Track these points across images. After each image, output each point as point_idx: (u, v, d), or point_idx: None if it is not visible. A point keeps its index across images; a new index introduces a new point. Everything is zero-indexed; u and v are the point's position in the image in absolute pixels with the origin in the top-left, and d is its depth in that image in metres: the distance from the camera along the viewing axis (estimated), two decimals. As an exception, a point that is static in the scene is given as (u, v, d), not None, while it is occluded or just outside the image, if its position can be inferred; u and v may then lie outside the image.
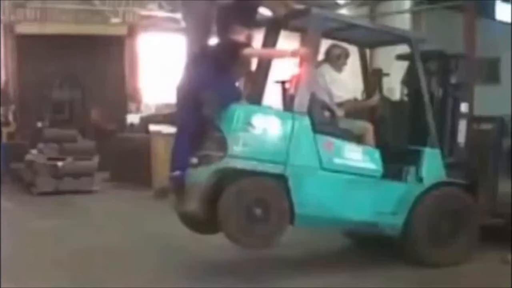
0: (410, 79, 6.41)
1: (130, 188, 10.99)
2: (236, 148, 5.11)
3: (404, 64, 6.60)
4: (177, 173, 5.37)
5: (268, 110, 5.47)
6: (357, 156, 5.54)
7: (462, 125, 6.11)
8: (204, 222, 5.37)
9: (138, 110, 14.98)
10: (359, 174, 5.50)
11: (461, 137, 6.10)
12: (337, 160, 5.43)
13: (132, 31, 15.43)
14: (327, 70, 6.05)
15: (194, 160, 5.38)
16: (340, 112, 5.89)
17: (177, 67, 15.59)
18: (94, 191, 10.89)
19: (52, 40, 13.75)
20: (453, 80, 6.20)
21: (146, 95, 15.76)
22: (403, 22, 14.59)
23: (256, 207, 5.08)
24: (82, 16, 14.75)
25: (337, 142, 5.47)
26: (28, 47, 13.63)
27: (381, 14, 15.71)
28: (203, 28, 6.31)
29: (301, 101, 5.35)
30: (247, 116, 5.19)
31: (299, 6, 6.23)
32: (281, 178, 5.18)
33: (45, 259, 6.15)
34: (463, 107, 6.14)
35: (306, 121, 5.34)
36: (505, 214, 6.22)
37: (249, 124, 5.16)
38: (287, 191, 5.18)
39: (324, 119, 5.67)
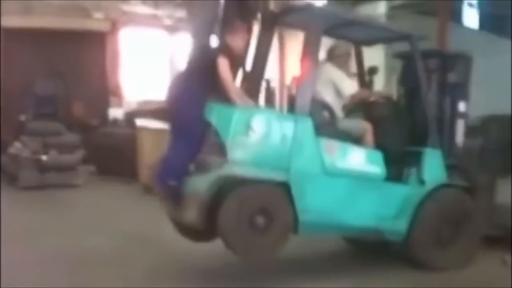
0: (406, 78, 6.03)
1: (116, 182, 10.55)
2: (236, 154, 4.65)
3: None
4: (173, 182, 4.86)
5: (269, 112, 5.07)
6: (360, 160, 5.18)
7: (460, 125, 5.76)
8: (201, 231, 4.94)
9: (120, 105, 14.47)
10: (362, 178, 5.14)
11: (459, 137, 5.76)
12: (340, 164, 5.06)
13: (114, 27, 14.90)
14: (329, 69, 5.64)
15: (191, 167, 4.89)
16: (340, 113, 5.55)
17: (158, 63, 15.42)
18: (79, 185, 10.41)
19: (35, 34, 13.28)
20: (450, 79, 5.79)
21: (127, 91, 15.26)
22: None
23: (258, 217, 4.67)
24: (65, 10, 14.16)
25: (339, 145, 5.09)
26: (12, 41, 13.07)
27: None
28: (208, 28, 5.76)
29: (303, 102, 4.94)
30: (247, 119, 4.71)
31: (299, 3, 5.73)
32: (284, 185, 4.77)
33: (25, 260, 5.69)
34: (461, 106, 5.77)
35: (309, 123, 4.93)
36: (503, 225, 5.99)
37: (249, 127, 4.70)
38: (290, 198, 4.78)
39: (324, 119, 5.31)
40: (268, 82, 12.12)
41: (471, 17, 17.31)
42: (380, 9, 15.22)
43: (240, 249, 4.68)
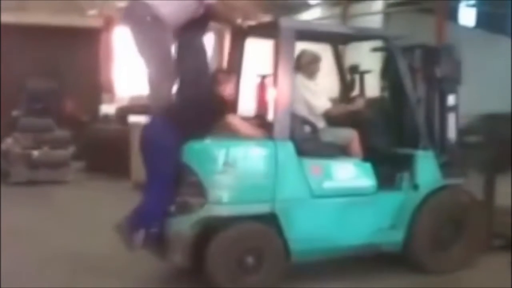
0: (388, 72, 5.74)
1: (106, 178, 10.32)
2: (215, 193, 4.44)
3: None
4: (154, 230, 4.62)
5: (245, 142, 4.70)
6: (348, 175, 4.94)
7: (451, 119, 5.51)
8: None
9: (112, 101, 14.27)
10: (353, 193, 4.91)
11: (451, 133, 5.51)
12: (327, 184, 4.82)
13: (108, 24, 14.70)
14: (300, 81, 5.32)
15: (172, 208, 4.64)
16: (321, 124, 5.30)
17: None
18: (70, 181, 10.22)
19: (29, 31, 13.03)
20: (437, 73, 5.48)
21: (119, 86, 15.08)
22: (375, 23, 14.26)
23: (247, 257, 4.51)
24: (59, 7, 13.96)
25: (325, 164, 4.84)
26: (5, 37, 12.86)
27: (353, 15, 15.29)
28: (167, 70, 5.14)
29: (282, 126, 4.68)
30: (223, 153, 4.47)
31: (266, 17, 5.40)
32: (271, 217, 4.58)
33: (19, 258, 5.55)
34: (450, 99, 5.50)
35: (290, 147, 4.68)
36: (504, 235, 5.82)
37: (226, 163, 4.45)
38: (279, 229, 4.59)
39: (306, 136, 5.05)
40: (263, 77, 12.03)
41: (468, 15, 17.23)
42: (377, 7, 15.08)
43: None
